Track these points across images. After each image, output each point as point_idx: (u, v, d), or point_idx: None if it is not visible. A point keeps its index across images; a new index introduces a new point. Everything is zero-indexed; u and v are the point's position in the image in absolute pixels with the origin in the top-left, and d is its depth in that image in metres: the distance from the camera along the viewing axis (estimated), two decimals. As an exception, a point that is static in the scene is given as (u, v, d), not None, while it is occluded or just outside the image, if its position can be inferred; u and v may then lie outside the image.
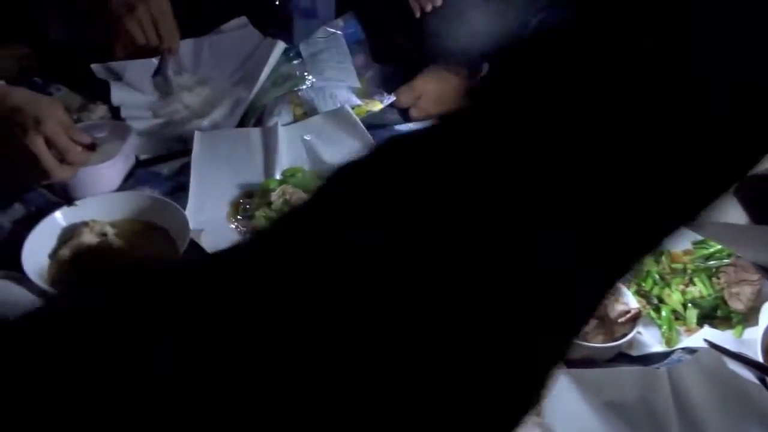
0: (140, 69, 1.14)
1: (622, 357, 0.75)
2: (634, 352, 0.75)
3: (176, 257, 0.82)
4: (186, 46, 1.23)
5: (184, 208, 0.91)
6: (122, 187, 0.98)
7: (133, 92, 1.14)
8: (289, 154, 1.03)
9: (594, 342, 0.73)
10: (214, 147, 1.03)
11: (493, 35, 1.14)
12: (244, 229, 0.93)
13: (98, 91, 1.14)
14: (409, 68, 1.25)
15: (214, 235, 0.87)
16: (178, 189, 0.98)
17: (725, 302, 0.79)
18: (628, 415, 0.67)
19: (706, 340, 0.72)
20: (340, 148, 1.02)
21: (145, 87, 1.14)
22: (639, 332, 0.76)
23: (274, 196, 0.94)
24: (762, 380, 0.68)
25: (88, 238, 0.84)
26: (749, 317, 0.78)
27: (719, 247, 0.81)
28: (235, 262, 0.23)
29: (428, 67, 1.20)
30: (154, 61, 1.15)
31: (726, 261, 0.81)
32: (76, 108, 1.13)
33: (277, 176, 1.00)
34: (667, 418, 0.67)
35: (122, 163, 0.99)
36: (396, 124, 1.17)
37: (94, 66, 1.14)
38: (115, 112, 1.12)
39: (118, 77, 1.13)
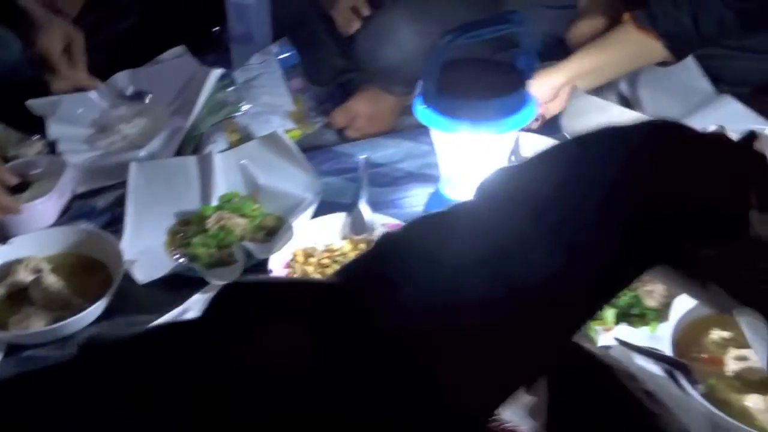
0: (75, 103, 1.15)
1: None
2: (554, 354, 0.79)
3: (111, 288, 0.84)
4: (124, 77, 1.25)
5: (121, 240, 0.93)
6: (58, 222, 0.99)
7: (69, 126, 1.15)
8: (225, 180, 1.05)
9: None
10: (150, 177, 1.04)
11: (423, 54, 1.18)
12: (182, 257, 0.94)
13: (36, 127, 1.15)
14: (346, 89, 1.29)
15: (147, 265, 0.89)
16: (116, 221, 0.99)
17: (640, 300, 0.84)
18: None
19: (616, 338, 0.76)
20: (275, 171, 1.05)
21: (80, 120, 1.16)
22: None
23: (210, 223, 0.96)
24: (669, 373, 0.72)
25: (23, 275, 0.85)
26: (662, 314, 0.82)
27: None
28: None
29: (362, 87, 1.23)
30: (89, 95, 1.17)
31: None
32: (14, 143, 1.14)
33: (214, 203, 1.02)
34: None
35: (57, 198, 1.00)
36: (334, 145, 1.20)
37: (29, 102, 1.15)
38: (52, 146, 1.13)
39: (54, 112, 1.14)
